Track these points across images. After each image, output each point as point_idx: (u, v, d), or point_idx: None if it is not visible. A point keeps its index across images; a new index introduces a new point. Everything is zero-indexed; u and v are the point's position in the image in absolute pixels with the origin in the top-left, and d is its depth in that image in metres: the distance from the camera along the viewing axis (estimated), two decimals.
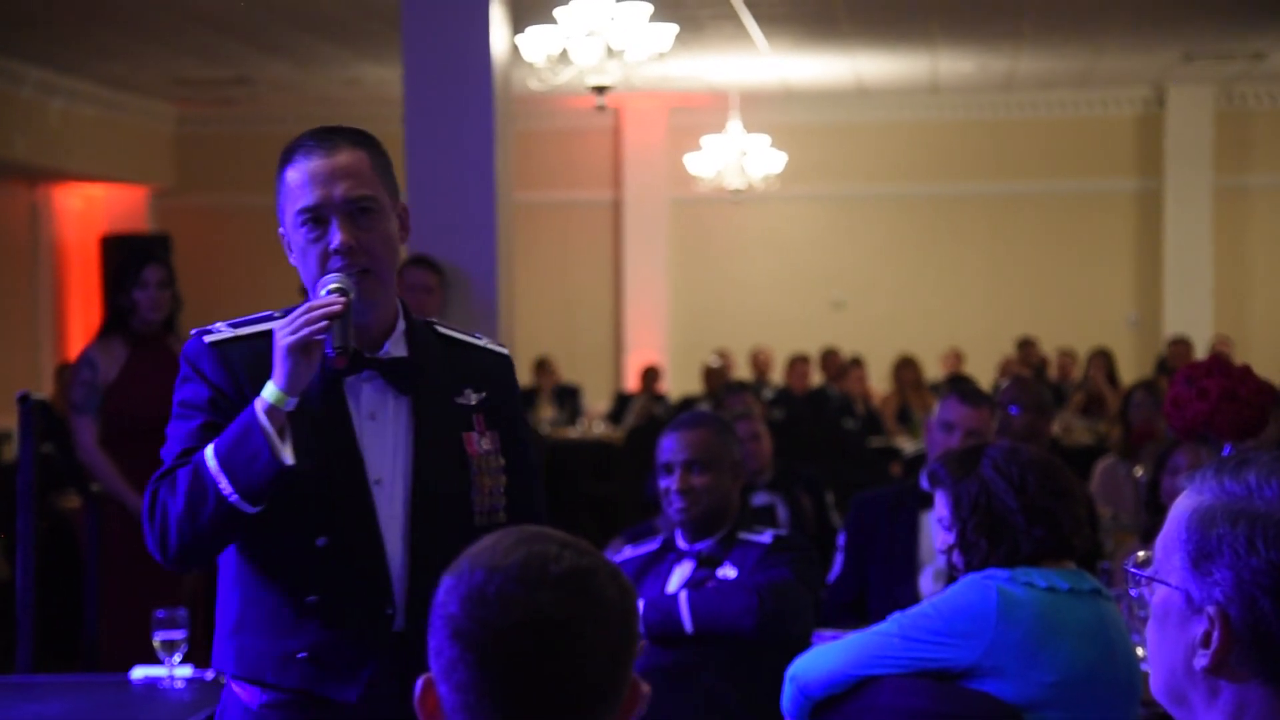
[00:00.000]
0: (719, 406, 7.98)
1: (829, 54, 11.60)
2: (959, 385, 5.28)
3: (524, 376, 11.40)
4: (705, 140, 12.04)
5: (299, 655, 2.44)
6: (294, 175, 2.46)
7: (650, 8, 7.49)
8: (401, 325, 2.54)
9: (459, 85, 6.67)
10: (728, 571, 3.74)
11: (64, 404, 6.94)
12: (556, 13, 7.33)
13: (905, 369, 11.53)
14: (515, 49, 7.23)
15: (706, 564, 3.76)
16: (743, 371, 12.94)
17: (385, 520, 2.47)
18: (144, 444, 5.71)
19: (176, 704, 4.10)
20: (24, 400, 4.68)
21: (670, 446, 3.74)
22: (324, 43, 10.79)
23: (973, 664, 2.91)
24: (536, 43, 7.39)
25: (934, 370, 12.58)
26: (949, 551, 3.08)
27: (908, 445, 10.16)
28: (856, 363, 11.90)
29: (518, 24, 7.18)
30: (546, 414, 12.28)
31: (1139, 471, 6.01)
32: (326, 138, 2.48)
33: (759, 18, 9.98)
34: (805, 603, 3.69)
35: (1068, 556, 3.03)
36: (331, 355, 2.37)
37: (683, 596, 3.66)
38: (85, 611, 5.30)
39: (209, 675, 4.26)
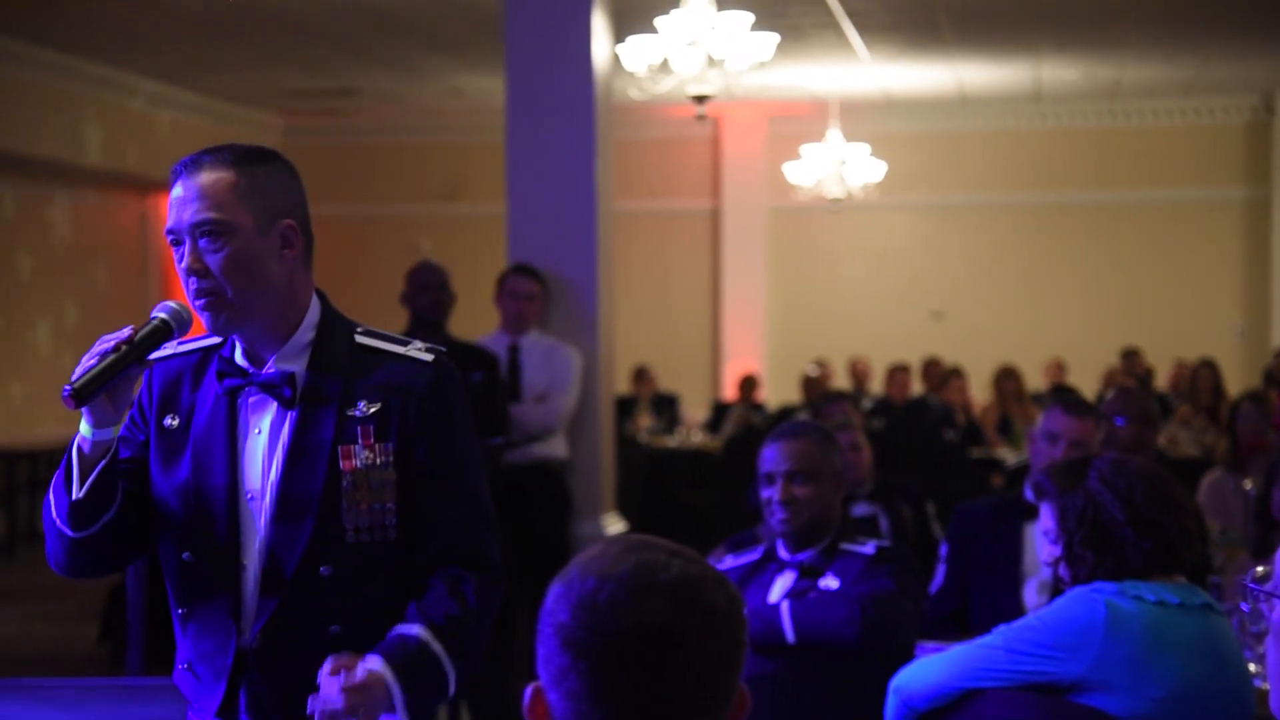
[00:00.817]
0: (818, 416, 7.95)
1: (931, 62, 11.54)
2: (1063, 395, 5.21)
3: (622, 385, 11.42)
4: (805, 149, 12.01)
5: (180, 666, 2.51)
6: (170, 198, 2.46)
7: (752, 17, 7.48)
8: (308, 336, 2.50)
9: (560, 95, 6.71)
10: (830, 582, 3.72)
11: None
12: (657, 22, 7.35)
13: (1006, 379, 11.42)
14: (616, 58, 7.26)
15: (808, 574, 3.75)
16: (841, 381, 12.89)
17: (249, 536, 2.45)
18: None
19: None
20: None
21: (772, 457, 3.73)
22: (428, 53, 10.90)
23: (1079, 678, 2.88)
24: (637, 52, 7.42)
25: (1035, 381, 12.45)
26: (1055, 564, 3.05)
27: (1009, 456, 10.06)
28: (957, 373, 11.81)
29: (619, 34, 7.20)
30: (644, 422, 12.30)
31: (1248, 484, 5.91)
32: (194, 160, 2.44)
33: (860, 26, 9.94)
34: (908, 614, 3.66)
35: (1177, 570, 2.99)
36: (65, 393, 2.34)
37: (784, 606, 3.65)
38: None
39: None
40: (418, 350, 2.53)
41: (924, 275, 14.17)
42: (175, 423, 2.47)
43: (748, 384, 12.70)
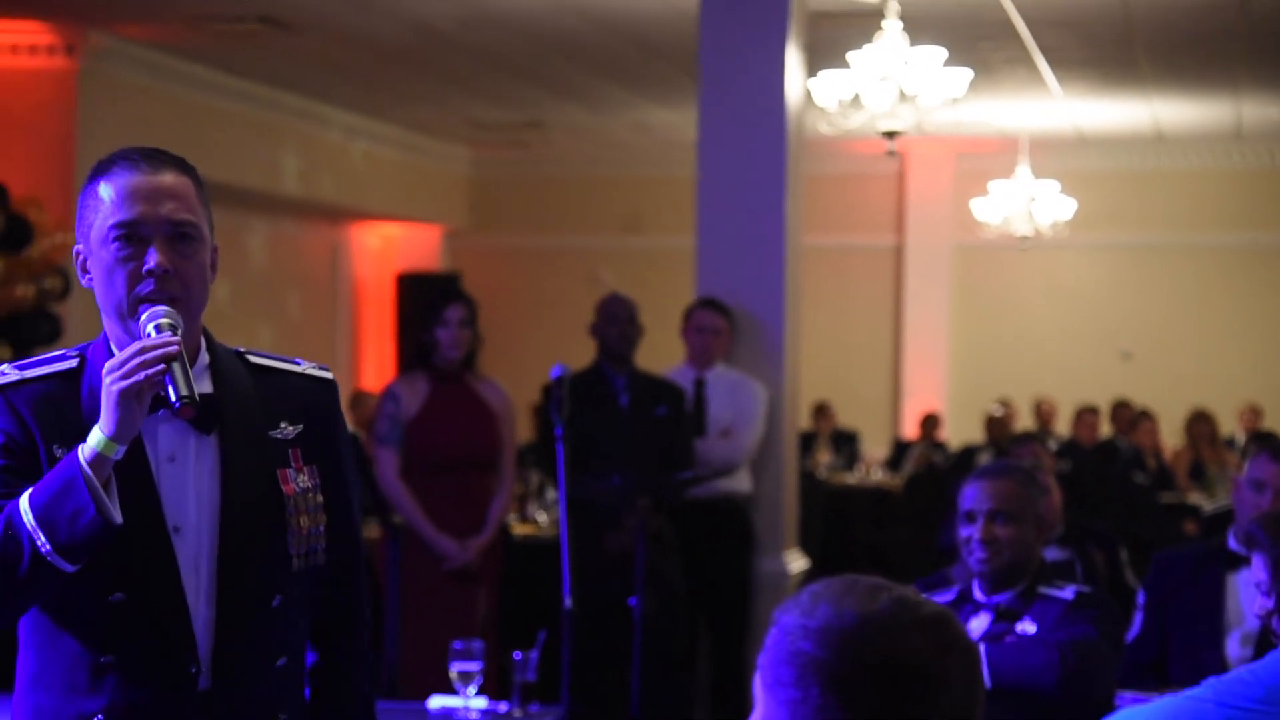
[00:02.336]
0: (1003, 456, 7.82)
1: (1126, 99, 11.33)
2: (1270, 442, 5.06)
3: (803, 420, 11.38)
4: (993, 185, 11.86)
5: (95, 718, 2.26)
6: (109, 189, 2.27)
7: (945, 52, 7.42)
8: (205, 359, 2.35)
9: (753, 130, 6.71)
10: (1027, 626, 3.65)
11: (366, 434, 7.20)
12: (850, 57, 7.33)
13: (1199, 423, 11.14)
14: (808, 93, 7.25)
15: (1005, 617, 3.69)
16: (1025, 421, 12.67)
17: (187, 571, 2.27)
18: (443, 478, 5.90)
19: None
20: None
21: (974, 495, 3.68)
22: (616, 87, 11.00)
23: None
24: (829, 87, 7.40)
25: (1229, 425, 12.11)
26: (1267, 617, 2.96)
27: (1203, 502, 9.80)
28: (1147, 415, 11.54)
29: (811, 68, 7.19)
30: (824, 459, 12.24)
31: None
32: (153, 156, 2.31)
33: (1054, 62, 9.80)
34: (1109, 662, 3.58)
35: None
36: (176, 406, 2.18)
37: (980, 650, 3.59)
38: (384, 640, 5.45)
39: (503, 708, 4.36)
40: (314, 369, 2.46)
41: (1113, 315, 13.88)
42: (63, 453, 2.22)
43: (929, 422, 12.56)
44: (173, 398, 2.18)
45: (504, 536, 6.30)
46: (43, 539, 2.14)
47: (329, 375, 2.47)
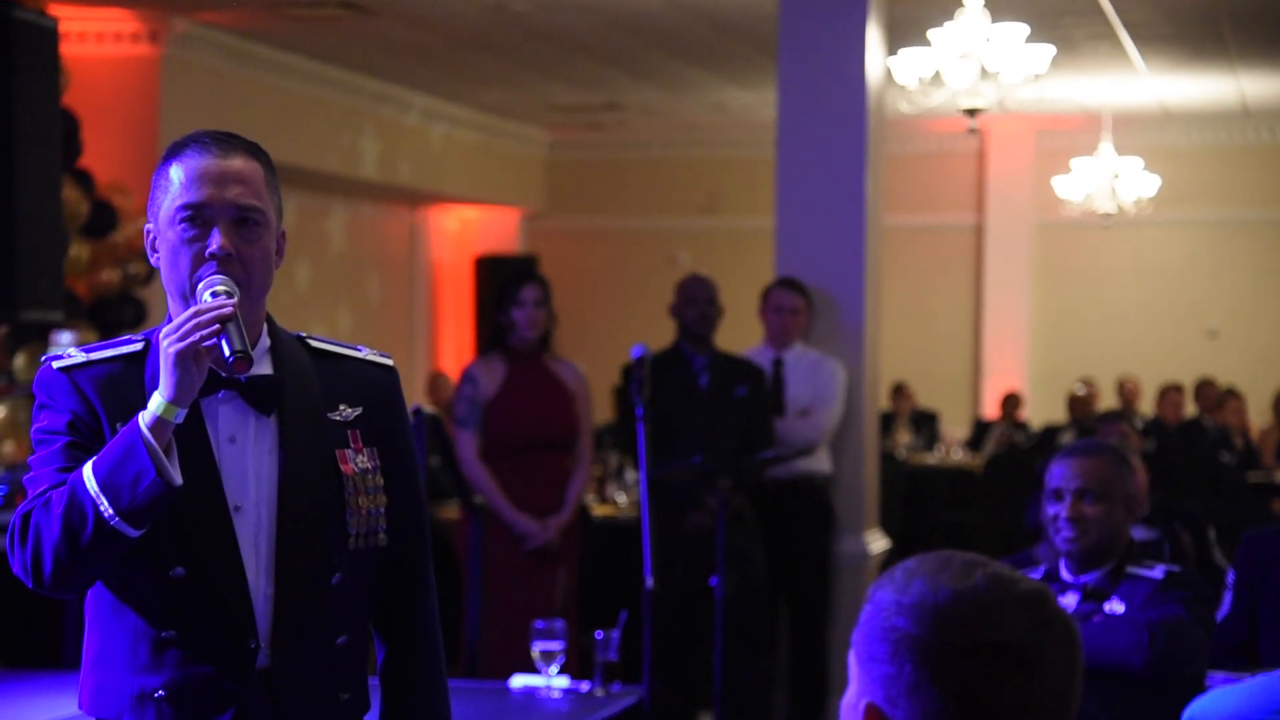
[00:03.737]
0: (1087, 435, 7.74)
1: (1211, 74, 11.15)
2: None
3: (883, 400, 11.33)
4: (1075, 163, 11.73)
5: (157, 694, 2.29)
6: (179, 171, 2.32)
7: (1027, 29, 7.34)
8: (266, 342, 2.38)
9: (833, 109, 6.67)
10: (1115, 606, 3.61)
11: (446, 416, 7.24)
12: (930, 34, 7.26)
13: None
14: (888, 72, 7.19)
15: (1092, 597, 3.65)
16: (1108, 400, 12.54)
17: (246, 549, 2.30)
18: (521, 459, 5.93)
19: (554, 714, 4.21)
20: (416, 414, 4.90)
21: (1062, 473, 3.64)
22: (693, 68, 10.97)
23: None
24: (909, 65, 7.34)
25: None
26: None
27: None
28: (1233, 394, 11.38)
29: (891, 46, 7.14)
30: (903, 439, 12.18)
31: None
32: (223, 139, 2.34)
33: (1137, 37, 9.67)
34: (1199, 642, 3.54)
35: None
36: (230, 361, 2.21)
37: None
38: (465, 619, 5.49)
39: (584, 687, 4.38)
40: (375, 355, 2.49)
41: (1198, 293, 13.70)
42: None
43: (1010, 402, 12.46)
44: (226, 353, 2.21)
45: (583, 517, 6.32)
46: (106, 505, 2.17)
47: (390, 361, 2.49)
